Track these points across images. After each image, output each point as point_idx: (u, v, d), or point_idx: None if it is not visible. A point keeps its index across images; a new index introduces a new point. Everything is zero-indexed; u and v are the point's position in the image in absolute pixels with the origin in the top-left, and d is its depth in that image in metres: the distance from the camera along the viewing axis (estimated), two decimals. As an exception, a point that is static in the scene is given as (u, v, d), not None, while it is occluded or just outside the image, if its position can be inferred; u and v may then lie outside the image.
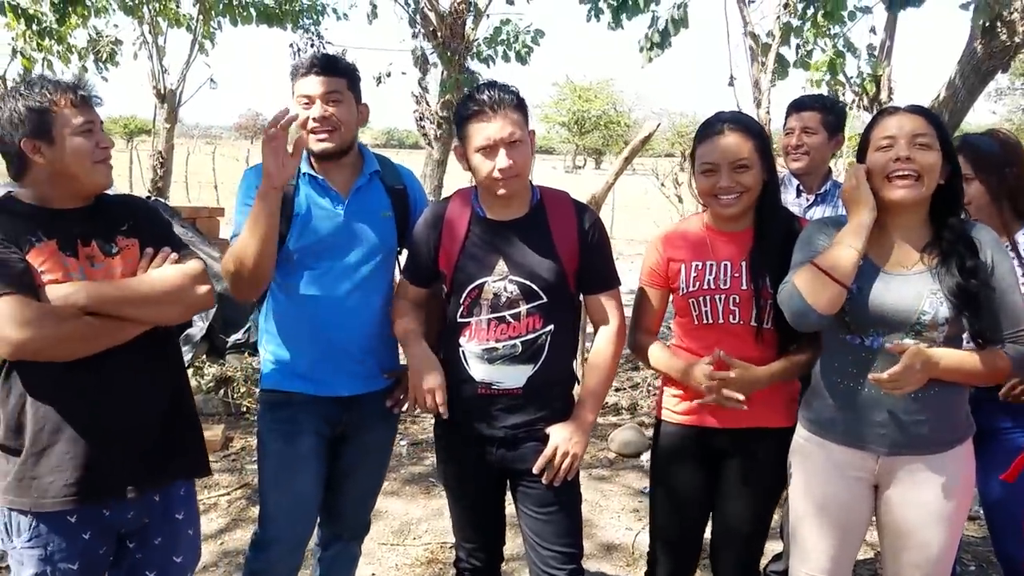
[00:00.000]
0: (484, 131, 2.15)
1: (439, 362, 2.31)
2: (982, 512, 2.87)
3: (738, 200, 2.22)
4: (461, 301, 2.28)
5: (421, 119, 6.10)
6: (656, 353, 2.40)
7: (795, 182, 3.24)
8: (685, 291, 2.32)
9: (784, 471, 2.33)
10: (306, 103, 2.32)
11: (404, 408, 2.56)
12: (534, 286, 2.23)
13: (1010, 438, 2.54)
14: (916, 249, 2.05)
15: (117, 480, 1.98)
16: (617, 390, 6.05)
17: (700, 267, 2.30)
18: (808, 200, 3.21)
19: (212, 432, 4.70)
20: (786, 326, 2.19)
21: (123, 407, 1.98)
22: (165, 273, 2.00)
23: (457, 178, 5.96)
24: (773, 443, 2.31)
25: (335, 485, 2.52)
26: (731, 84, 5.18)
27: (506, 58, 6.62)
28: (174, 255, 2.06)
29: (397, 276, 2.57)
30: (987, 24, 4.10)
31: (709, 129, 2.26)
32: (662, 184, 6.29)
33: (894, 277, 2.04)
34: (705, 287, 2.29)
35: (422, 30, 5.64)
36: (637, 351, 2.47)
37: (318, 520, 2.60)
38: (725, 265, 2.28)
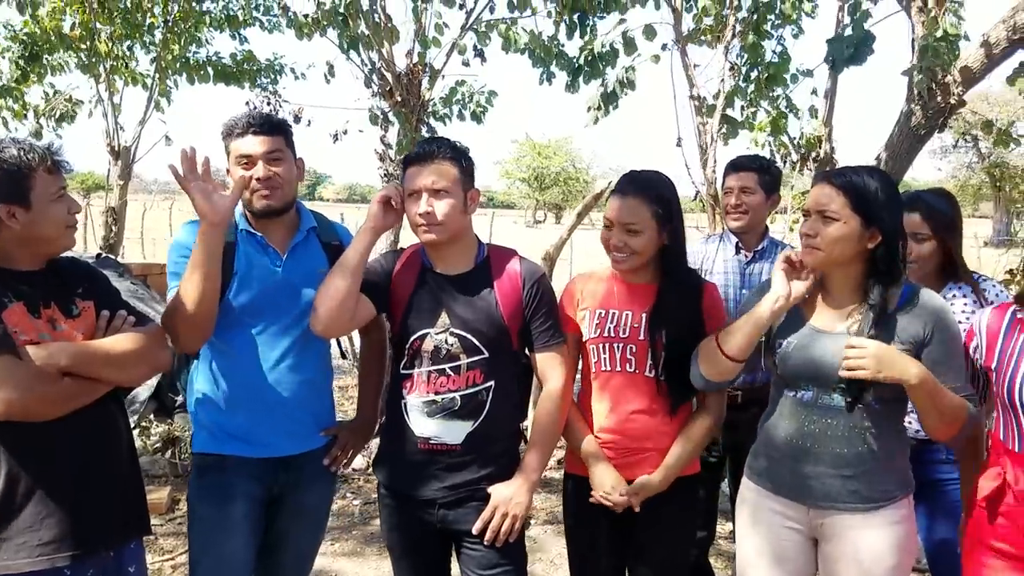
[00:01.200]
0: (413, 177, 2.23)
1: (381, 419, 2.33)
2: (926, 563, 2.89)
3: (627, 259, 2.32)
4: (404, 352, 2.30)
5: (386, 175, 6.14)
6: (572, 427, 2.40)
7: (734, 239, 3.31)
8: (587, 337, 2.38)
9: (695, 517, 2.47)
10: (246, 163, 2.32)
11: (343, 464, 2.55)
12: (475, 340, 2.25)
13: (952, 490, 2.58)
14: (846, 310, 2.11)
15: (92, 536, 1.99)
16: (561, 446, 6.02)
17: (603, 315, 2.38)
18: (747, 257, 3.28)
19: (158, 494, 4.57)
20: (680, 382, 2.28)
21: (94, 463, 2.01)
22: (132, 336, 2.03)
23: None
24: (681, 492, 2.36)
25: (270, 548, 2.47)
26: (679, 145, 5.33)
27: (461, 117, 6.73)
28: (131, 319, 2.08)
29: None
30: (926, 88, 4.28)
31: (620, 186, 2.36)
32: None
33: (820, 334, 2.10)
34: (605, 334, 2.35)
35: (379, 89, 5.71)
36: None
37: None
38: (627, 315, 2.36)
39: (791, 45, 5.05)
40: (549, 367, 2.34)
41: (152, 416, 5.55)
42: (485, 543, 2.22)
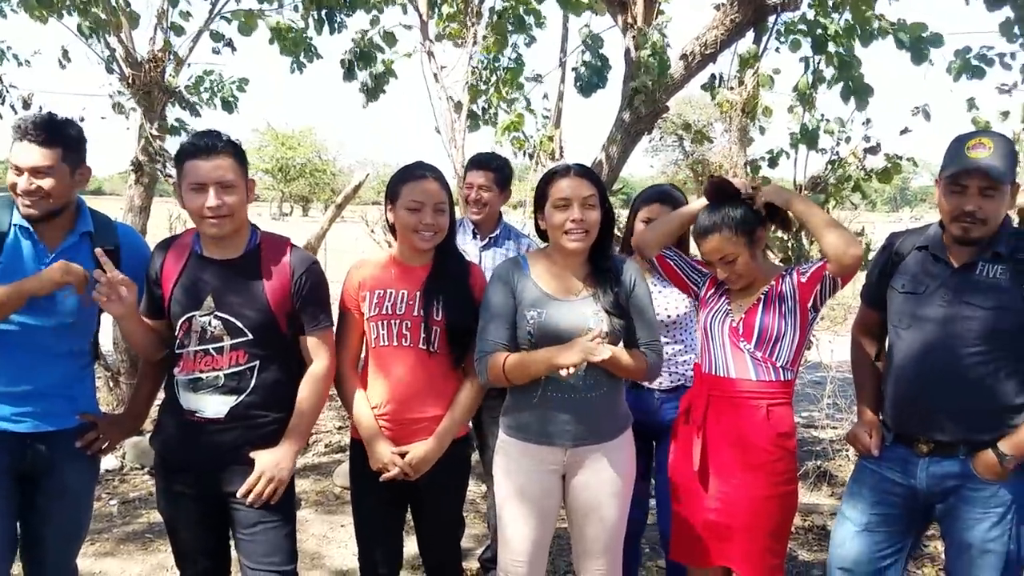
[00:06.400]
0: (197, 170, 2.33)
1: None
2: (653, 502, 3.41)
3: (435, 237, 2.60)
4: (176, 333, 2.43)
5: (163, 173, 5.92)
6: (353, 397, 2.63)
7: (471, 227, 3.75)
8: (368, 315, 2.62)
9: (467, 472, 2.80)
10: (16, 171, 2.35)
11: (97, 451, 2.60)
12: (239, 323, 2.39)
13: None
14: (579, 280, 2.53)
15: None
16: (340, 428, 6.22)
17: (382, 295, 2.62)
18: (483, 243, 3.72)
19: None
20: (456, 351, 2.59)
21: None
22: None
23: (159, 225, 5.81)
24: (454, 451, 2.67)
25: (32, 532, 2.50)
26: (438, 131, 5.70)
27: (211, 105, 6.62)
28: None
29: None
30: (637, 96, 4.98)
31: (415, 172, 2.62)
32: (372, 231, 6.58)
33: (564, 303, 2.50)
34: (384, 312, 2.61)
35: (120, 76, 5.48)
36: (336, 384, 2.67)
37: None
38: (403, 293, 2.62)
39: (524, 52, 5.62)
40: (315, 350, 2.51)
41: None
42: (247, 504, 2.38)
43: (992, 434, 2.32)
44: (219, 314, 2.38)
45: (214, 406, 2.39)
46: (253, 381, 2.41)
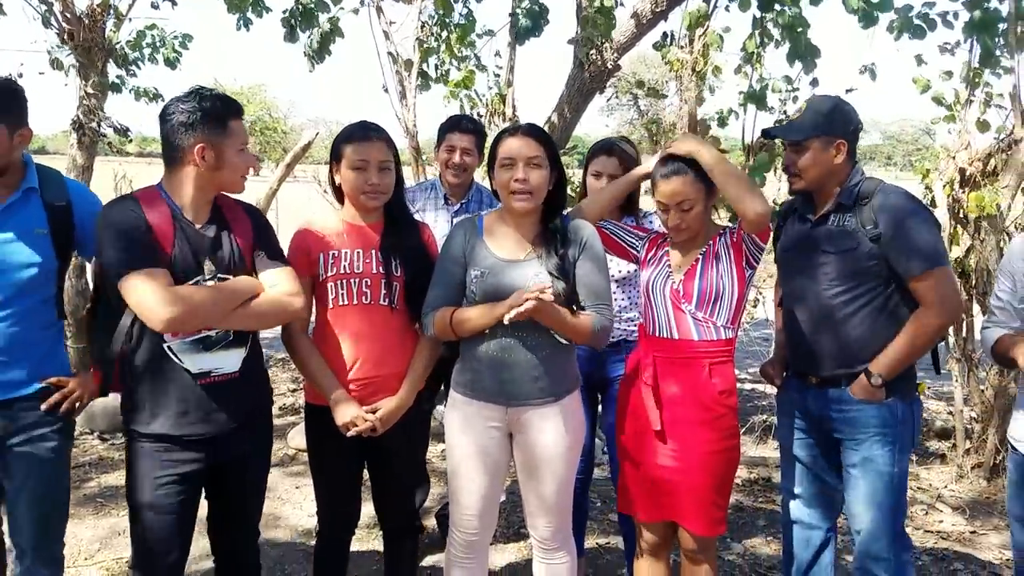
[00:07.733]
0: (244, 129, 2.35)
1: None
2: (607, 458, 3.50)
3: (380, 197, 2.61)
4: None
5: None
6: (309, 363, 2.62)
7: (443, 190, 3.64)
8: (324, 276, 2.62)
9: (428, 420, 2.85)
10: None
11: (66, 411, 2.53)
12: (231, 278, 2.37)
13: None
14: (529, 242, 2.55)
15: None
16: (293, 391, 6.21)
17: (336, 255, 2.62)
18: (455, 207, 3.62)
19: None
20: (415, 306, 2.60)
21: None
22: None
23: (104, 185, 5.67)
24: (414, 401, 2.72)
25: (11, 500, 2.50)
26: (385, 90, 5.61)
27: (154, 61, 6.45)
28: None
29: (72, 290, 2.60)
30: (587, 54, 4.96)
31: (359, 132, 2.61)
32: (325, 191, 6.48)
33: (510, 264, 2.52)
34: (342, 272, 2.61)
35: (58, 32, 5.29)
36: (290, 348, 2.68)
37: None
38: (357, 252, 2.63)
39: (475, 8, 5.55)
40: (282, 278, 2.46)
41: None
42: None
43: (864, 365, 2.57)
44: (220, 276, 2.35)
45: (231, 359, 2.39)
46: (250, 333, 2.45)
